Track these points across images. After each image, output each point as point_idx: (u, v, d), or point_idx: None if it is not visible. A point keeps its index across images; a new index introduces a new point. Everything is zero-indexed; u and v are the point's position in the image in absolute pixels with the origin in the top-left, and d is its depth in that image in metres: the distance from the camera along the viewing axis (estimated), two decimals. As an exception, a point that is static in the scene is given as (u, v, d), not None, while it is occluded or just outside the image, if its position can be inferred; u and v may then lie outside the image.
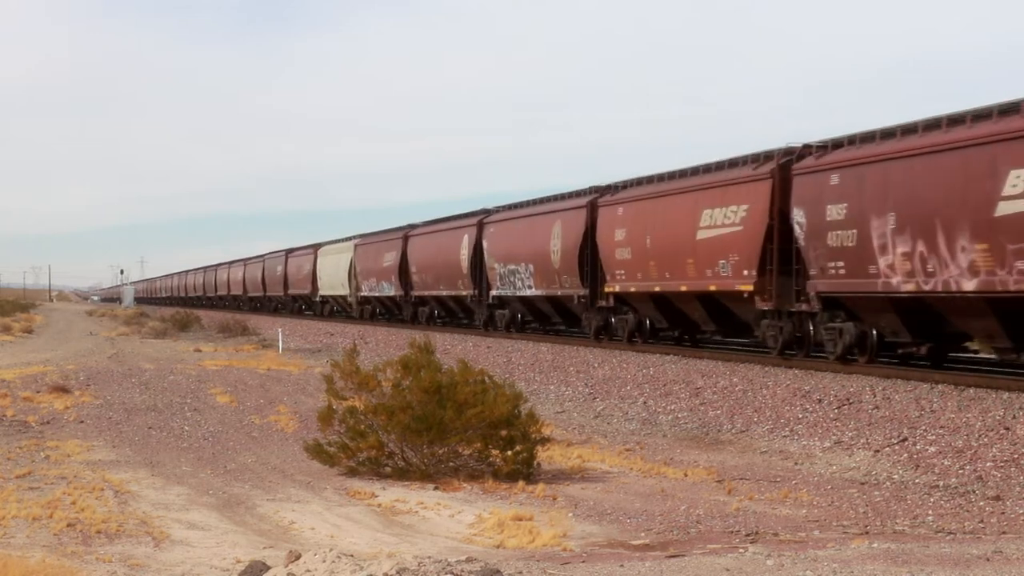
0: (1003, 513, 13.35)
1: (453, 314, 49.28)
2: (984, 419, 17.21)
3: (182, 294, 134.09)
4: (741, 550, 10.92)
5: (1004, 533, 12.24)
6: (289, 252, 78.43)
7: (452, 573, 8.52)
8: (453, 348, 35.65)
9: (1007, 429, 16.56)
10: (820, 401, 20.40)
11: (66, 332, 60.46)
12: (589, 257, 33.79)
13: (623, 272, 31.52)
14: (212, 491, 15.12)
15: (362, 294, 59.37)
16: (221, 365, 33.42)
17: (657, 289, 29.68)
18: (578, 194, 36.40)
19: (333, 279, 64.63)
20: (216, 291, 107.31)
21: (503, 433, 16.34)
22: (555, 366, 30.00)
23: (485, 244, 42.46)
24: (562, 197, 38.09)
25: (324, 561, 8.82)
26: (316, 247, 69.82)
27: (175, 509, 13.74)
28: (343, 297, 63.29)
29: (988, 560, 9.93)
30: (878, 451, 17.09)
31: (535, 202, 40.13)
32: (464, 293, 44.63)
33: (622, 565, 9.97)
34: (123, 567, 10.66)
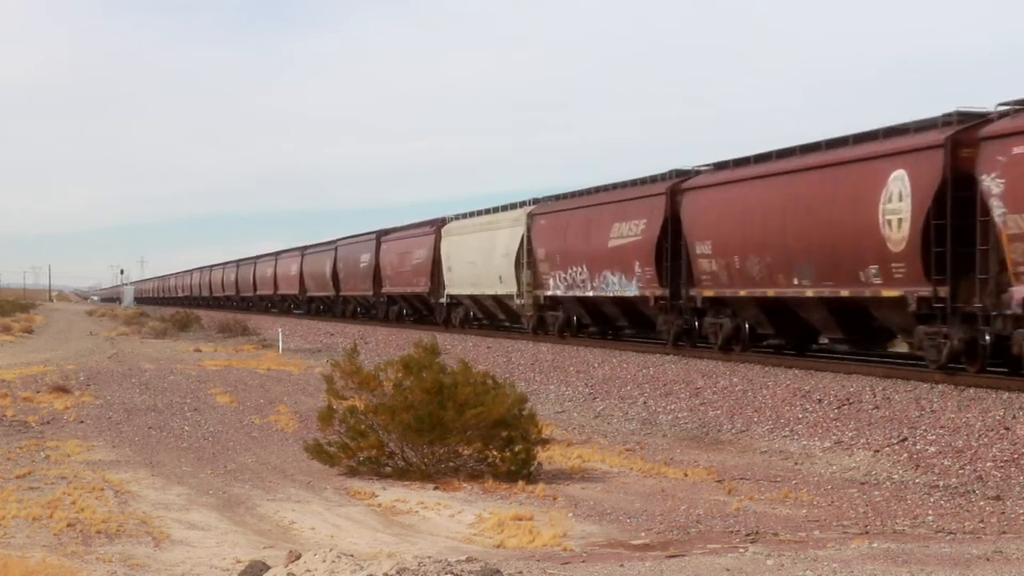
0: (1003, 513, 13.35)
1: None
2: (984, 419, 17.21)
3: (205, 293, 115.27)
4: (741, 550, 10.92)
5: (1004, 533, 12.24)
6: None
7: (452, 573, 8.52)
8: (453, 348, 35.65)
9: (1007, 429, 16.56)
10: (820, 401, 20.40)
11: (66, 332, 60.47)
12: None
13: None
14: (212, 491, 15.12)
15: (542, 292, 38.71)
16: (221, 365, 33.44)
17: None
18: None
19: (482, 269, 42.74)
20: (256, 290, 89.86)
21: (503, 433, 16.34)
22: (555, 366, 30.00)
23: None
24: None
25: (324, 561, 8.82)
26: (438, 224, 49.24)
27: (175, 509, 13.74)
28: (499, 297, 41.70)
29: (988, 560, 9.93)
30: (878, 451, 17.09)
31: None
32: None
33: (622, 565, 9.97)
34: (123, 567, 10.66)
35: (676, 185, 29.73)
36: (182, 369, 31.37)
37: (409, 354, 17.05)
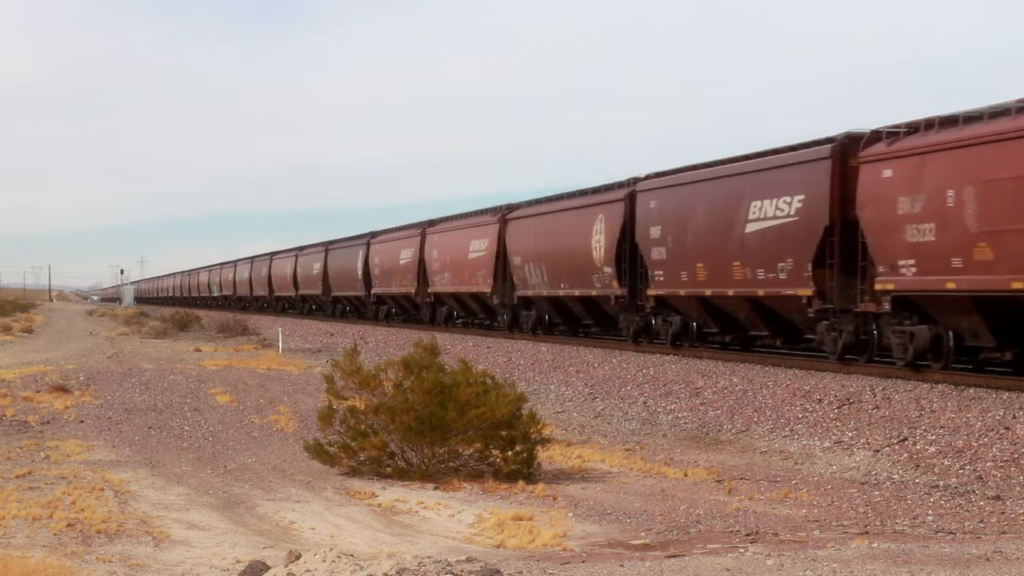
0: (1003, 513, 13.35)
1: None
2: (984, 419, 17.21)
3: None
4: (741, 550, 10.92)
5: (1004, 533, 12.24)
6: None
7: (452, 573, 8.52)
8: (453, 348, 35.64)
9: (1007, 429, 16.56)
10: (820, 401, 20.40)
11: (66, 332, 60.45)
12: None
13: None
14: (212, 491, 15.12)
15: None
16: (221, 365, 33.43)
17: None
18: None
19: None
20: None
21: (504, 433, 16.35)
22: (555, 366, 30.00)
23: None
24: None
25: (324, 561, 8.82)
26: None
27: (175, 509, 13.74)
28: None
29: (988, 560, 9.93)
30: (878, 451, 17.09)
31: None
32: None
33: (622, 565, 9.97)
34: (123, 567, 10.66)
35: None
36: (182, 369, 31.37)
37: (409, 354, 17.05)
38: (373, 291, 57.23)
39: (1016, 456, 15.48)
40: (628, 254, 31.34)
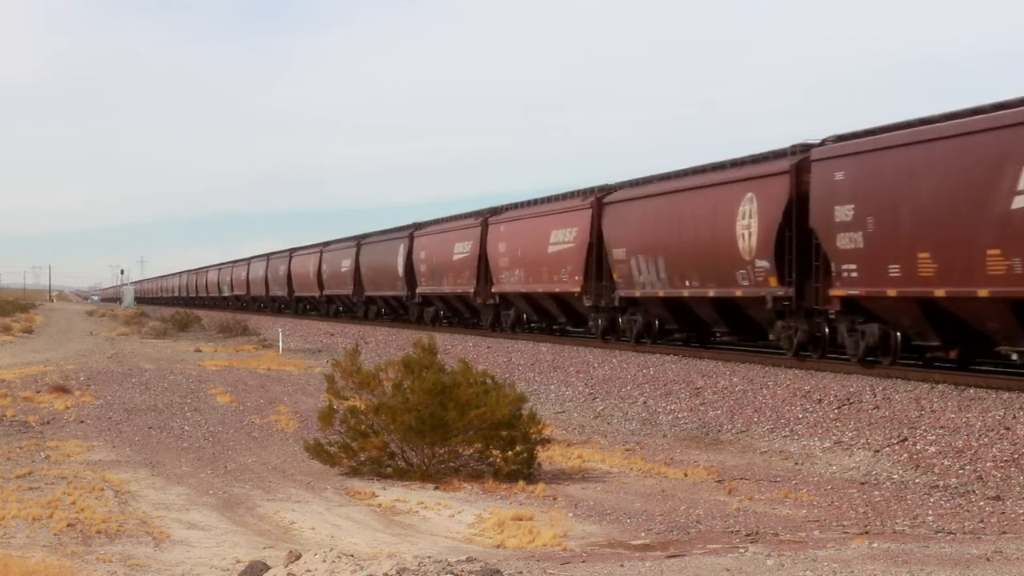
0: (1003, 513, 13.35)
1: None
2: (984, 419, 17.22)
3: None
4: (741, 550, 10.92)
5: (1004, 533, 12.24)
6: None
7: (452, 573, 8.52)
8: (453, 348, 35.66)
9: (1007, 429, 16.56)
10: (820, 401, 20.40)
11: (66, 332, 60.45)
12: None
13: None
14: (212, 491, 15.12)
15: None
16: (221, 365, 33.43)
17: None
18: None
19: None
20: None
21: (504, 433, 16.35)
22: (555, 366, 30.01)
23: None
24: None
25: (324, 561, 8.82)
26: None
27: (175, 509, 13.74)
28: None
29: (988, 560, 9.93)
30: (878, 451, 17.09)
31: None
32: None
33: (622, 565, 9.97)
34: (123, 567, 10.66)
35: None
36: (182, 369, 31.37)
37: (409, 354, 17.05)
38: (418, 291, 50.03)
39: (1016, 456, 15.49)
40: (793, 243, 24.26)
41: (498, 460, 16.32)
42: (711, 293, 27.68)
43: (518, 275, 39.03)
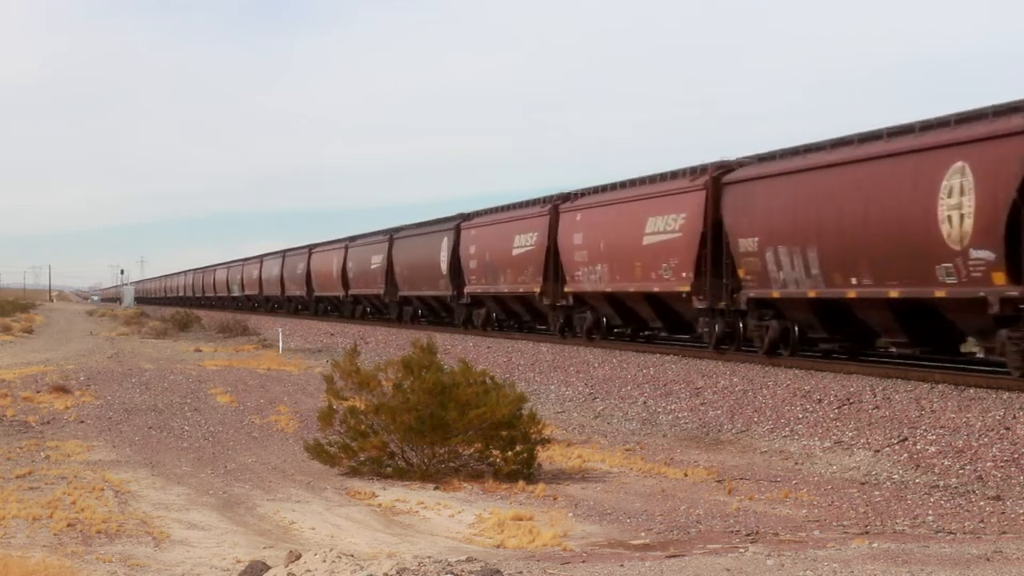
0: (1003, 513, 13.35)
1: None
2: (984, 419, 17.21)
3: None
4: (741, 550, 10.92)
5: (1004, 533, 12.24)
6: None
7: (452, 573, 8.52)
8: (453, 348, 35.66)
9: (1007, 429, 16.56)
10: (820, 401, 20.40)
11: (66, 332, 60.45)
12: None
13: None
14: (212, 491, 15.12)
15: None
16: (221, 365, 33.44)
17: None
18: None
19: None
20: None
21: (504, 433, 16.35)
22: (555, 366, 30.00)
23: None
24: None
25: (324, 561, 8.82)
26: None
27: (175, 509, 13.74)
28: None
29: (988, 560, 9.93)
30: (878, 451, 17.09)
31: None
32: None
33: (622, 565, 9.97)
34: (123, 567, 10.67)
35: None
36: (182, 369, 31.37)
37: (409, 354, 17.05)
38: (467, 290, 43.65)
39: (1016, 456, 15.48)
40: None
41: (498, 460, 16.32)
42: (893, 293, 21.53)
43: (600, 272, 32.85)
